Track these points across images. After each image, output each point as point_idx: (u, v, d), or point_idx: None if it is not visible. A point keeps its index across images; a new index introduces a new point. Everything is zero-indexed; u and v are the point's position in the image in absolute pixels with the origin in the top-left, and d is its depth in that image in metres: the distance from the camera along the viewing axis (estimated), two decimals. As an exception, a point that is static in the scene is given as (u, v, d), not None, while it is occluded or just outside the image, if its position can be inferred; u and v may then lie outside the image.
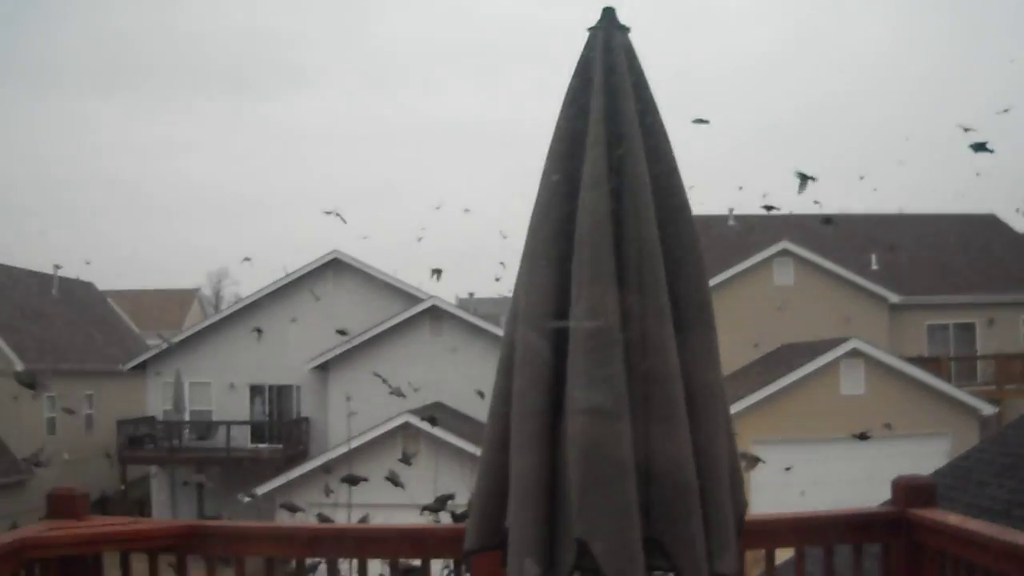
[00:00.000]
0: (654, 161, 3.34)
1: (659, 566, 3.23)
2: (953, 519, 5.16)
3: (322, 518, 9.11)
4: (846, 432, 28.85)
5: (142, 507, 40.81)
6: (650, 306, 3.20)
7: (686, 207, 3.39)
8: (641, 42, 3.63)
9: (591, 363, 3.13)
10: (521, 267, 3.46)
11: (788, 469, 15.47)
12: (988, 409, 31.53)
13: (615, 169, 3.27)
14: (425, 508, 8.20)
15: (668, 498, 3.16)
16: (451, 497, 8.32)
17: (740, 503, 3.50)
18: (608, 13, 3.68)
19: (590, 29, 3.68)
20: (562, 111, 3.52)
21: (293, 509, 9.19)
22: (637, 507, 3.09)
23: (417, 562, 5.70)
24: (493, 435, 3.44)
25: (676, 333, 3.23)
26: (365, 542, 5.74)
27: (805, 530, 5.72)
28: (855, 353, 31.61)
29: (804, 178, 8.73)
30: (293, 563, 6.08)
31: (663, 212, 3.30)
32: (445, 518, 8.07)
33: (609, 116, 3.37)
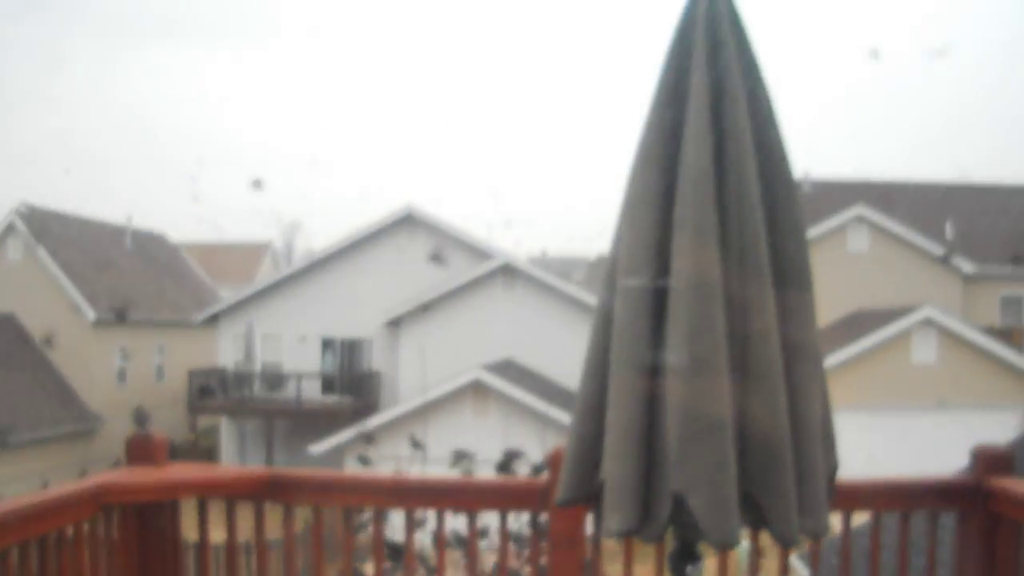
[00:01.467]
0: (756, 117, 3.33)
1: (750, 522, 3.24)
2: (1031, 489, 5.15)
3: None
4: (917, 400, 28.83)
5: (211, 456, 41.23)
6: (750, 263, 3.19)
7: (787, 164, 3.38)
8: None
9: (691, 317, 3.13)
10: (620, 222, 3.46)
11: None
12: (1059, 382, 31.25)
13: (717, 124, 3.26)
14: (498, 466, 8.26)
15: (761, 455, 3.17)
16: (518, 455, 8.37)
17: (832, 464, 3.50)
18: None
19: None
20: (663, 66, 3.51)
21: (365, 461, 9.26)
22: (734, 462, 3.10)
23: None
24: (589, 387, 3.45)
25: (774, 291, 3.22)
26: (445, 493, 5.78)
27: (883, 494, 5.71)
28: (928, 322, 31.40)
29: None
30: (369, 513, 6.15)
31: (764, 168, 3.29)
32: (519, 470, 8.13)
33: (711, 71, 3.35)
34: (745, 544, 5.73)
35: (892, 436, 27.89)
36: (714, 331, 3.11)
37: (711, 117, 3.25)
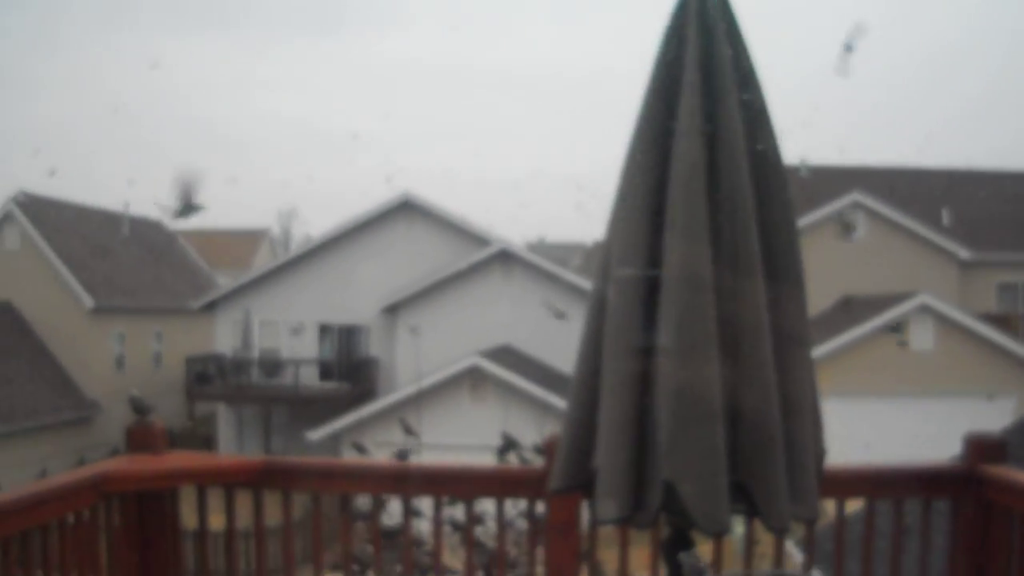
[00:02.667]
0: (748, 110, 3.36)
1: (741, 509, 3.28)
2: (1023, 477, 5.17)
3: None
4: (912, 388, 28.83)
5: (209, 443, 41.19)
6: (741, 256, 3.23)
7: (778, 157, 3.41)
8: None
9: (682, 309, 3.17)
10: (613, 214, 3.49)
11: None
12: (1056, 369, 31.14)
13: (709, 118, 3.29)
14: (499, 450, 8.30)
15: (752, 443, 3.20)
16: (514, 445, 8.41)
17: (821, 450, 3.53)
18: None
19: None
20: (655, 60, 3.53)
21: (362, 449, 9.28)
22: (724, 450, 3.13)
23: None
24: (582, 377, 3.49)
25: (765, 284, 3.25)
26: (443, 480, 5.82)
27: (876, 482, 5.74)
28: (924, 308, 31.27)
29: None
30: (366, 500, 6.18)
31: (756, 162, 3.32)
32: (512, 459, 8.17)
33: (703, 65, 3.38)
34: (740, 531, 5.77)
35: (887, 424, 27.82)
36: (705, 321, 3.14)
37: (703, 111, 3.28)
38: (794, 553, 12.09)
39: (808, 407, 3.38)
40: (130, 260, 51.49)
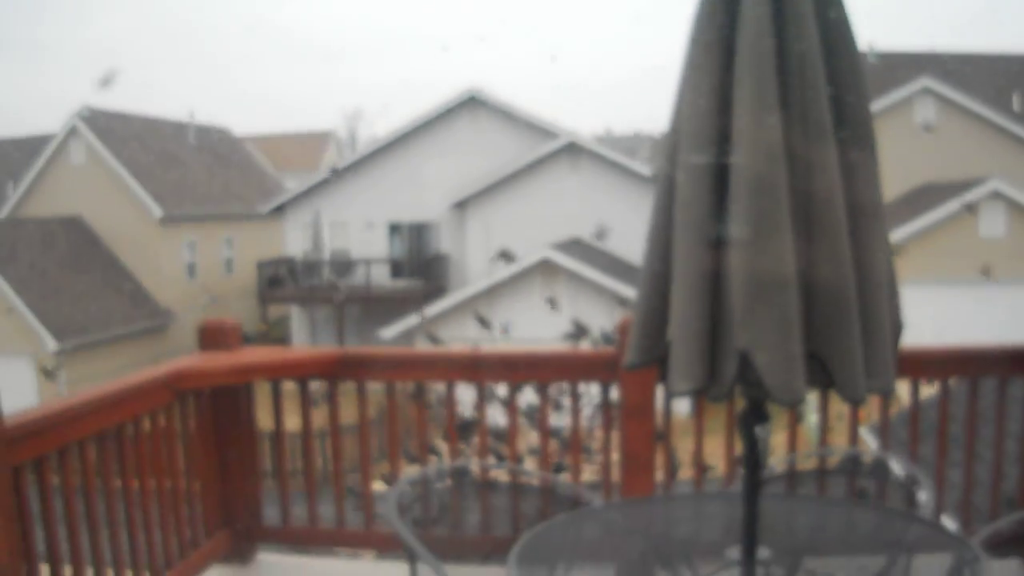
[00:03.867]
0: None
1: (817, 380, 3.25)
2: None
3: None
4: (984, 275, 28.56)
5: (283, 345, 41.50)
6: (812, 123, 3.17)
7: (848, 21, 3.34)
8: None
9: (753, 178, 3.13)
10: (679, 86, 3.45)
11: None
12: None
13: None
14: (570, 335, 8.33)
15: (827, 314, 3.17)
16: (586, 331, 8.44)
17: (898, 323, 3.49)
18: None
19: None
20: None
21: (435, 340, 9.33)
22: (798, 320, 3.10)
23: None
24: (653, 258, 3.47)
25: (837, 151, 3.20)
26: (517, 365, 5.83)
27: (952, 360, 5.70)
28: (996, 195, 30.87)
29: None
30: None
31: (825, 27, 3.26)
32: (584, 345, 8.19)
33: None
34: (814, 419, 5.75)
35: (960, 310, 27.56)
36: (776, 190, 3.10)
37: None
38: (867, 439, 12.09)
39: (884, 279, 3.34)
40: (197, 168, 51.75)
